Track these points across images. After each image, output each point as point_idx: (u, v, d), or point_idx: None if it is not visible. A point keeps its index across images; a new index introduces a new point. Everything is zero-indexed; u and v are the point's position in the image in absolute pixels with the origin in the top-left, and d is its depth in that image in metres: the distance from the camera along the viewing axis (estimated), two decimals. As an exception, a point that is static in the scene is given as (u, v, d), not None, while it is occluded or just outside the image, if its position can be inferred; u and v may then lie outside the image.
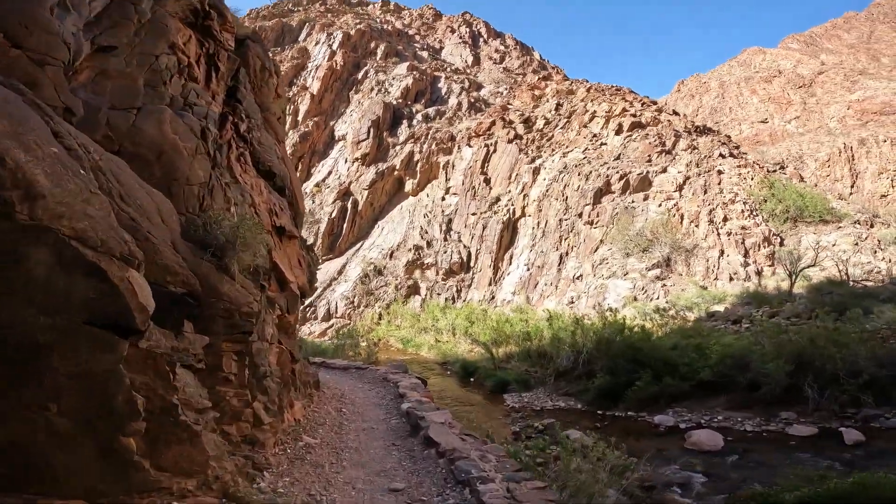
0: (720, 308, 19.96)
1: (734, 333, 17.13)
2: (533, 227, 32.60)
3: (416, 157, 46.36)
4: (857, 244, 23.24)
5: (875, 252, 22.53)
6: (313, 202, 46.55)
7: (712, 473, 10.02)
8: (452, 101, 58.37)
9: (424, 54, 70.27)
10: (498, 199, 36.15)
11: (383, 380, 12.69)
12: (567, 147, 37.53)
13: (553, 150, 38.03)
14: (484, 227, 34.58)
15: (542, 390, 17.54)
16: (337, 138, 53.32)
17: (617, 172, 30.92)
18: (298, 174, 49.85)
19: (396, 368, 14.76)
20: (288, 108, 51.74)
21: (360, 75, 60.11)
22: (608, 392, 14.59)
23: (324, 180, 48.83)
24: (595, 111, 39.42)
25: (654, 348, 14.63)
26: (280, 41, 65.25)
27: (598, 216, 29.00)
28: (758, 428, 12.44)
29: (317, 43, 61.28)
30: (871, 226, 25.35)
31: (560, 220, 30.77)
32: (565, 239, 29.97)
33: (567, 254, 29.48)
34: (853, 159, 49.19)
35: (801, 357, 12.32)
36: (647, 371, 13.84)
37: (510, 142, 40.16)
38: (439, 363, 25.49)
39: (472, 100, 58.59)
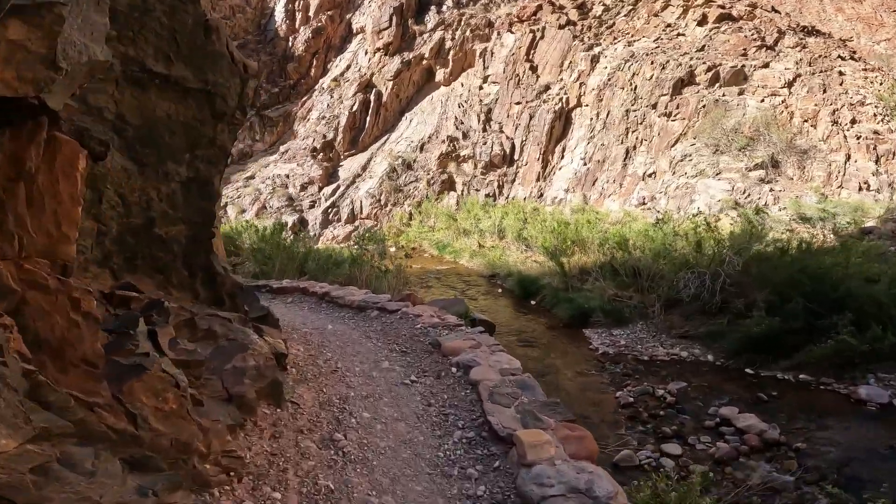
0: (872, 223, 14.92)
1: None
2: (591, 118, 26.83)
3: (448, 44, 39.37)
4: None
5: None
6: (331, 97, 40.35)
7: None
8: (486, -18, 50.29)
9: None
10: (548, 88, 30.04)
11: (431, 348, 6.25)
12: (633, 36, 30.86)
13: (615, 38, 31.33)
14: (531, 117, 28.83)
15: (644, 327, 12.26)
16: (355, 31, 46.03)
17: (703, 63, 24.64)
18: (313, 71, 43.42)
19: (447, 309, 8.76)
20: (297, 2, 44.43)
21: None
22: (767, 342, 9.36)
23: (342, 74, 42.19)
24: (669, 0, 32.62)
25: (847, 279, 9.46)
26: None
27: (677, 108, 23.17)
28: None
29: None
30: None
31: (627, 110, 24.93)
32: (633, 131, 24.34)
33: (635, 148, 23.97)
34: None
35: None
36: (845, 315, 8.63)
37: (561, 28, 33.35)
38: (485, 275, 20.75)
39: (509, -18, 50.45)
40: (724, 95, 23.09)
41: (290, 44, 43.39)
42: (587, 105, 27.52)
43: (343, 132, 37.00)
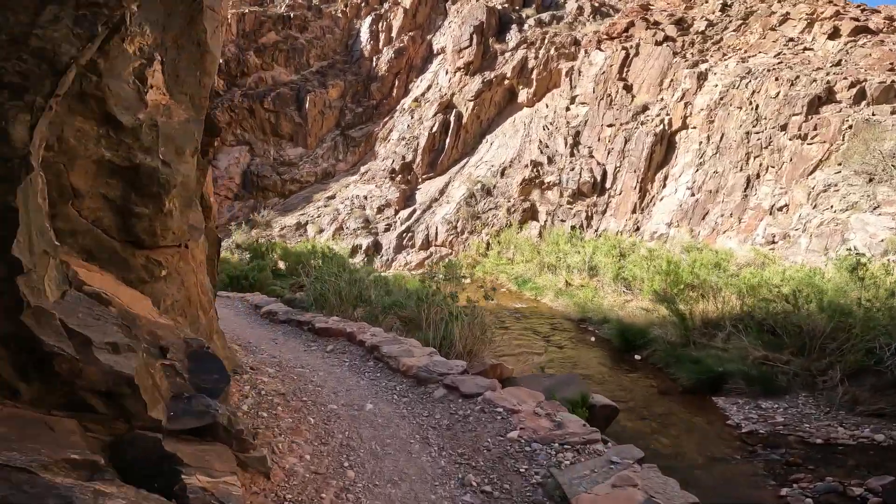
0: None
1: None
2: (700, 142, 22.90)
3: (531, 63, 36.70)
4: None
5: None
6: (411, 118, 38.67)
7: None
8: (571, 5, 47.18)
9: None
10: (645, 108, 26.39)
11: (543, 495, 3.21)
12: (746, 51, 26.83)
13: (724, 54, 27.40)
14: (626, 141, 25.24)
15: (810, 400, 8.83)
16: (436, 52, 44.56)
17: (843, 79, 20.37)
18: (395, 91, 42.06)
19: (557, 393, 6.28)
20: (381, 23, 43.67)
21: None
22: None
23: (423, 95, 40.54)
24: (788, 13, 28.34)
25: None
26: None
27: (815, 129, 18.94)
28: None
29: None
30: None
31: (747, 133, 20.82)
32: (755, 157, 20.19)
33: (758, 176, 19.81)
34: None
35: None
36: None
37: (658, 44, 29.77)
38: (573, 319, 17.23)
39: (596, 4, 47.27)
40: (873, 115, 18.63)
41: (373, 64, 42.29)
42: (694, 127, 23.63)
43: (422, 154, 34.95)
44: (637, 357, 13.07)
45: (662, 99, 26.18)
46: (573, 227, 25.01)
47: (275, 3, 45.83)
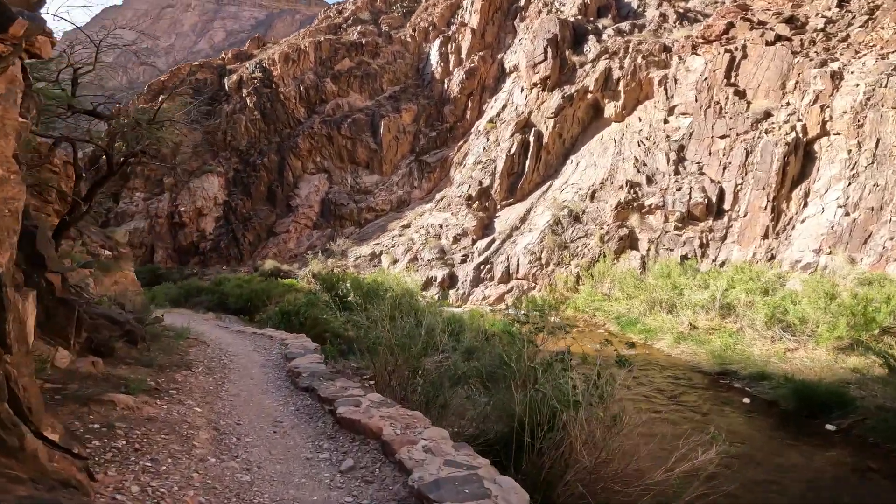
0: None
1: None
2: (849, 150, 18.52)
3: (616, 74, 33.15)
4: None
5: None
6: (487, 140, 36.05)
7: None
8: (651, 13, 43.39)
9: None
10: (768, 115, 22.19)
11: None
12: (881, 47, 22.26)
13: (857, 51, 22.89)
14: (747, 153, 21.16)
15: None
16: (508, 70, 42.01)
17: None
18: (469, 113, 39.66)
19: None
20: (450, 45, 41.66)
21: (521, 2, 47.93)
22: None
23: (498, 115, 37.92)
24: None
25: None
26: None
27: None
28: None
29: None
30: None
31: (916, 134, 16.52)
32: (932, 165, 15.84)
33: (941, 189, 15.45)
34: None
35: None
36: None
37: (770, 44, 25.55)
38: (707, 372, 13.53)
39: (681, 10, 43.11)
40: None
41: (445, 86, 40.24)
42: (838, 133, 19.30)
43: (500, 178, 32.13)
44: (831, 427, 9.42)
45: (789, 103, 21.94)
46: (684, 257, 21.11)
47: (347, 31, 45.13)
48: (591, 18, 41.89)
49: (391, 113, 38.25)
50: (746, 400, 11.52)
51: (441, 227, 33.34)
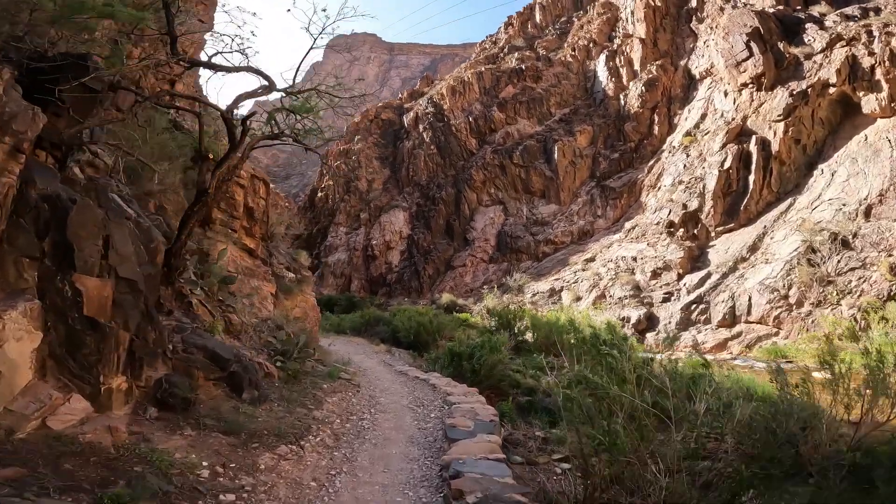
0: None
1: None
2: None
3: (865, 63, 25.79)
4: None
5: None
6: (686, 156, 30.27)
7: None
8: (879, -6, 35.01)
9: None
10: None
11: None
12: None
13: None
14: None
15: None
16: (698, 76, 35.86)
17: None
18: (656, 128, 34.25)
19: None
20: (618, 59, 36.88)
21: (693, 3, 41.58)
22: None
23: (696, 126, 31.98)
24: None
25: None
26: (578, 4, 50.17)
27: None
28: None
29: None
30: None
31: None
32: None
33: None
34: None
35: None
36: None
37: None
38: None
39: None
40: None
41: (621, 102, 35.26)
42: None
43: (712, 199, 26.12)
44: None
45: None
46: None
47: (505, 59, 42.46)
48: (798, 7, 34.53)
49: (564, 136, 34.12)
50: None
51: (634, 260, 28.07)
